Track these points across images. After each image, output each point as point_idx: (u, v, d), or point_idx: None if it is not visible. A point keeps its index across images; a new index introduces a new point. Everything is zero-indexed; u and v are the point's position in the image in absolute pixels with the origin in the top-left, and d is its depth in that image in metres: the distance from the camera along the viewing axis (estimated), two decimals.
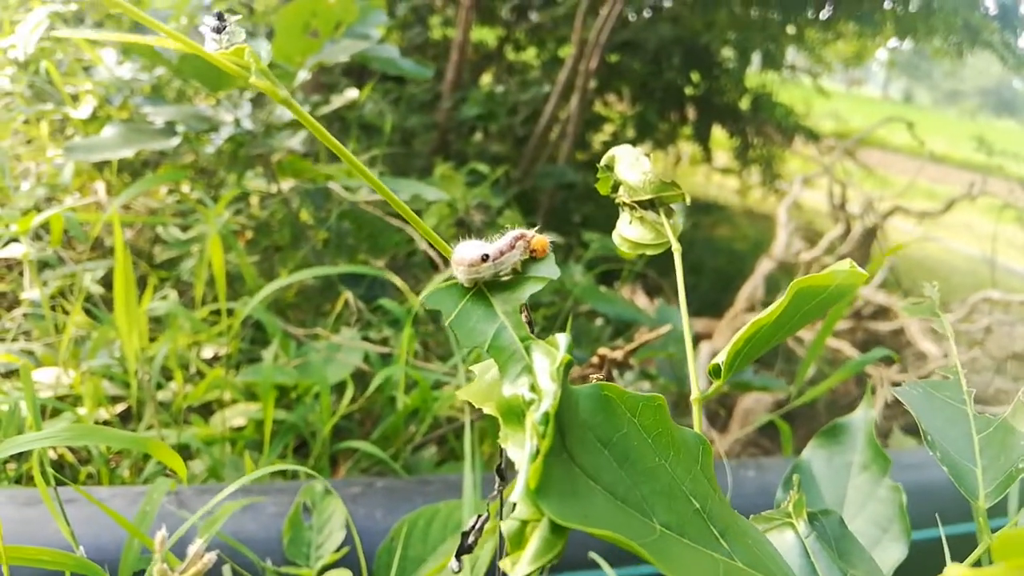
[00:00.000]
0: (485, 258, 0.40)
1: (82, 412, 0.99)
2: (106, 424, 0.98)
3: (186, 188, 1.68)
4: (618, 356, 0.86)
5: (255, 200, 1.67)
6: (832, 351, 2.36)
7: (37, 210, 1.38)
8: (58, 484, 0.79)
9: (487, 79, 3.93)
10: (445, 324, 0.38)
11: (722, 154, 4.93)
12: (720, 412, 2.13)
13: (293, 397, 1.19)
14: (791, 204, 3.22)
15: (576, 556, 0.79)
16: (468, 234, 0.42)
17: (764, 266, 2.70)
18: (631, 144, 0.60)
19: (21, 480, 0.92)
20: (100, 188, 1.58)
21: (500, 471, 0.55)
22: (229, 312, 1.23)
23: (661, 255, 0.57)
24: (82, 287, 1.28)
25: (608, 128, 4.15)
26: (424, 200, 1.49)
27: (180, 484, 0.84)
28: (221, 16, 0.37)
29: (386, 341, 1.32)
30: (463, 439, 1.04)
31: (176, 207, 1.66)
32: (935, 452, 0.44)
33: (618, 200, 0.59)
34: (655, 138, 4.30)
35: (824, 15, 3.93)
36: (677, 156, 5.23)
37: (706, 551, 0.32)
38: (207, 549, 0.64)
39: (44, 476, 0.69)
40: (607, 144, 3.85)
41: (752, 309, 2.49)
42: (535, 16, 3.76)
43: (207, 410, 1.18)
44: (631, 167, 0.58)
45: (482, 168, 2.31)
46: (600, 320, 1.80)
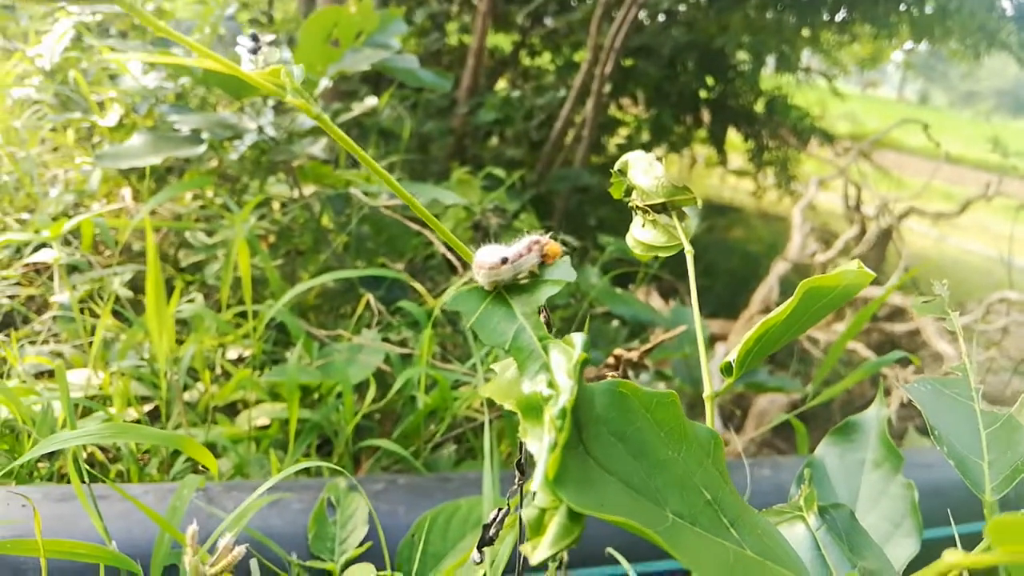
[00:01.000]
0: (504, 261, 0.42)
1: (112, 412, 1.02)
2: (136, 423, 1.01)
3: (210, 194, 1.71)
4: (634, 357, 0.88)
5: (277, 205, 1.70)
6: (848, 352, 2.36)
7: (66, 216, 1.42)
8: (91, 481, 0.82)
9: (503, 84, 3.94)
10: (467, 325, 0.40)
11: (737, 156, 4.93)
12: (736, 412, 2.14)
13: (316, 397, 1.21)
14: (806, 206, 3.22)
15: (594, 553, 0.81)
16: (485, 237, 0.44)
17: (779, 268, 2.70)
18: (646, 147, 0.62)
19: (53, 477, 0.95)
20: (126, 194, 1.62)
21: (520, 466, 0.57)
22: (254, 314, 1.25)
23: (676, 257, 0.58)
24: (111, 291, 1.30)
25: (623, 131, 4.15)
26: (441, 204, 1.51)
27: (208, 481, 0.87)
28: (256, 37, 0.40)
29: (405, 343, 1.34)
30: (482, 438, 1.06)
31: (200, 212, 1.69)
32: (942, 447, 0.46)
33: (631, 204, 0.61)
34: (670, 141, 4.30)
35: (839, 17, 3.92)
36: (692, 159, 5.23)
37: (717, 539, 0.33)
38: (235, 543, 0.66)
39: (78, 473, 0.71)
40: (622, 147, 3.86)
41: (767, 311, 2.49)
42: (550, 21, 3.78)
43: (232, 410, 1.20)
44: (644, 172, 0.60)
45: (498, 172, 2.33)
46: (616, 322, 1.81)
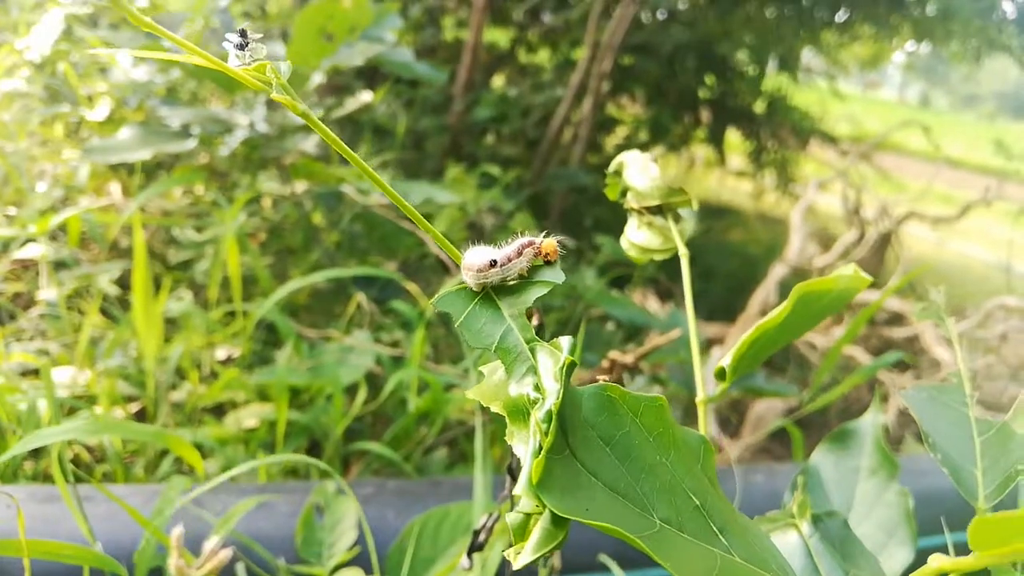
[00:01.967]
0: (493, 264, 0.41)
1: (98, 411, 1.01)
2: None
3: (201, 190, 1.69)
4: (629, 360, 0.86)
5: (268, 202, 1.68)
6: (846, 357, 2.35)
7: (53, 211, 1.40)
8: (76, 481, 0.81)
9: (499, 81, 3.93)
10: (455, 326, 0.40)
11: (736, 157, 4.92)
12: (732, 418, 2.13)
13: (306, 398, 1.20)
14: (805, 208, 3.20)
15: (586, 560, 0.80)
16: (479, 237, 0.43)
17: (777, 271, 2.69)
18: (645, 147, 0.61)
19: (39, 478, 0.93)
20: (115, 189, 1.60)
21: (511, 471, 0.56)
22: (243, 313, 1.24)
23: (673, 259, 0.57)
24: (98, 288, 1.29)
25: (621, 131, 4.14)
26: (436, 203, 1.50)
27: (195, 482, 0.86)
28: (244, 33, 0.38)
29: (398, 344, 1.33)
30: (474, 442, 1.05)
31: (190, 209, 1.68)
32: (936, 454, 0.45)
33: (626, 205, 0.60)
34: (669, 141, 4.29)
35: (840, 18, 3.92)
36: (691, 159, 5.22)
37: (704, 545, 0.33)
38: (222, 546, 0.65)
39: (63, 472, 0.70)
40: (620, 147, 3.84)
41: (765, 314, 2.48)
42: (548, 18, 3.76)
43: (220, 411, 1.19)
44: (639, 173, 0.59)
45: (494, 171, 2.32)
46: (612, 324, 1.80)
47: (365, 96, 1.64)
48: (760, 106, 4.28)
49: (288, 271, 1.52)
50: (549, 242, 0.42)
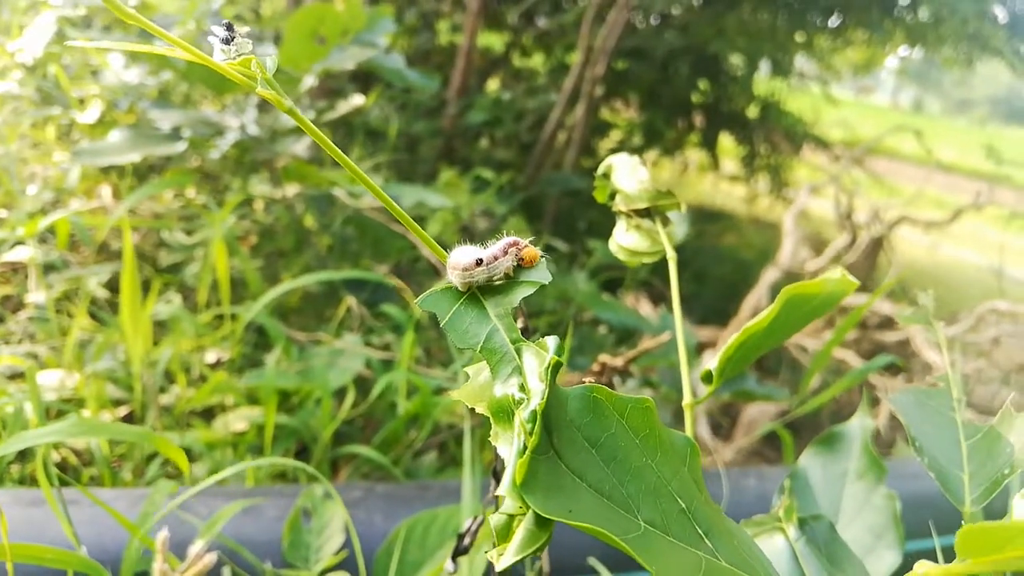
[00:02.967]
0: (479, 262, 0.41)
1: (86, 415, 1.00)
2: None
3: (191, 193, 1.69)
4: (619, 363, 0.86)
5: (259, 205, 1.68)
6: (837, 361, 2.35)
7: (43, 213, 1.40)
8: (62, 485, 0.80)
9: (493, 85, 3.93)
10: (441, 326, 0.40)
11: (729, 162, 4.92)
12: (724, 422, 2.13)
13: (295, 402, 1.19)
14: (798, 213, 3.21)
15: (576, 562, 0.79)
16: (472, 240, 0.43)
17: (770, 275, 2.69)
18: (638, 151, 0.61)
19: (25, 481, 0.93)
20: (106, 192, 1.59)
21: (496, 473, 0.55)
22: (232, 317, 1.23)
23: (665, 262, 0.57)
24: (87, 291, 1.28)
25: (615, 135, 4.14)
26: (428, 206, 1.49)
27: (182, 486, 0.85)
28: (230, 27, 0.38)
29: (388, 347, 1.33)
30: (463, 445, 1.04)
31: (181, 211, 1.67)
32: (923, 458, 0.45)
33: (615, 208, 0.60)
34: (662, 145, 4.30)
35: (833, 23, 3.93)
36: (684, 164, 5.23)
37: (689, 548, 0.32)
38: (207, 550, 0.65)
39: (48, 476, 0.70)
40: (614, 151, 3.82)
41: None
42: (542, 22, 3.77)
43: (209, 414, 1.18)
44: (628, 176, 0.59)
45: (487, 174, 2.31)
46: (603, 328, 1.80)
47: (357, 99, 1.64)
48: (753, 111, 4.30)
49: (279, 274, 1.52)
50: (530, 249, 0.42)
